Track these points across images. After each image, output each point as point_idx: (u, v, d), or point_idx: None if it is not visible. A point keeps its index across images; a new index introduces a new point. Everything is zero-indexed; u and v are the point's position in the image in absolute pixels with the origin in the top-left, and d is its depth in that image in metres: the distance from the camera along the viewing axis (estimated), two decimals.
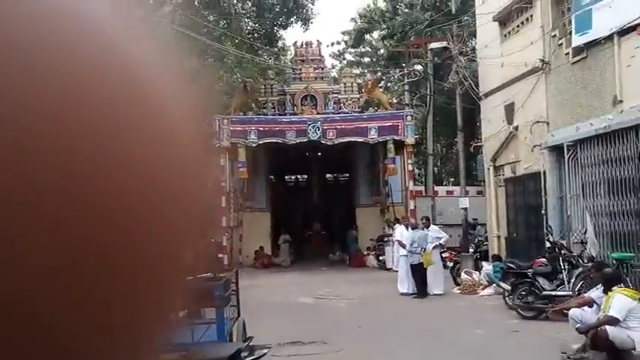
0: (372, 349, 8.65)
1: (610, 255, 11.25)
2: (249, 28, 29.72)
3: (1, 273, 0.28)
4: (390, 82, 32.61)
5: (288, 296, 13.95)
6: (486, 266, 14.12)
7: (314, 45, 23.83)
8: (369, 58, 37.55)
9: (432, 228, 14.94)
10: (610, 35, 11.97)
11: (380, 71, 31.48)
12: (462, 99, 19.39)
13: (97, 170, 0.30)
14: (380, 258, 20.96)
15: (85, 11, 0.33)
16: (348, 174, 28.31)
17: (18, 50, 0.29)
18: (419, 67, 26.67)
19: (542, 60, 14.61)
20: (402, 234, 15.26)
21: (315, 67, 23.25)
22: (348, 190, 26.98)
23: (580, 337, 7.83)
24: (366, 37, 36.59)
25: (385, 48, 33.94)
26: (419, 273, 13.87)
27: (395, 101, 26.32)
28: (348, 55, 38.60)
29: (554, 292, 10.66)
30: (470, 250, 17.37)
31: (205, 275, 6.70)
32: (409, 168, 21.51)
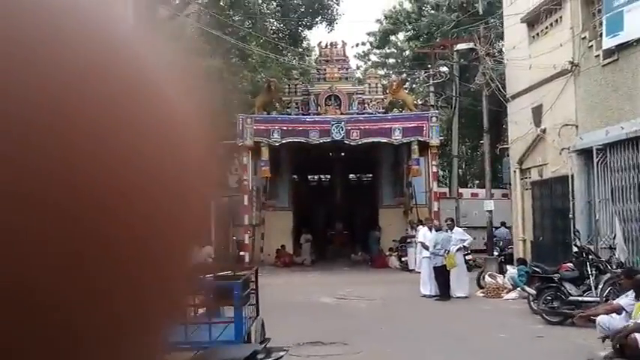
0: (394, 351, 8.54)
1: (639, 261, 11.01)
2: (273, 28, 29.75)
3: (7, 266, 0.28)
4: (415, 84, 32.39)
5: (309, 296, 13.90)
6: (511, 270, 13.92)
7: (339, 45, 23.79)
8: (394, 59, 37.35)
9: (456, 230, 14.78)
10: None
11: (405, 72, 31.31)
12: (488, 101, 19.17)
13: (102, 165, 0.30)
14: (402, 259, 20.79)
15: (90, 7, 0.33)
16: (371, 174, 28.15)
17: (22, 45, 0.29)
18: (444, 68, 26.44)
19: (571, 62, 14.37)
20: (426, 236, 15.12)
21: (340, 68, 23.19)
22: (371, 191, 26.83)
23: (607, 345, 7.64)
24: (392, 38, 36.39)
25: (410, 49, 33.71)
26: (442, 275, 13.74)
27: (420, 103, 26.14)
28: (372, 56, 38.52)
29: (580, 298, 10.44)
30: (494, 254, 17.15)
31: (225, 273, 6.69)
32: (433, 169, 21.35)
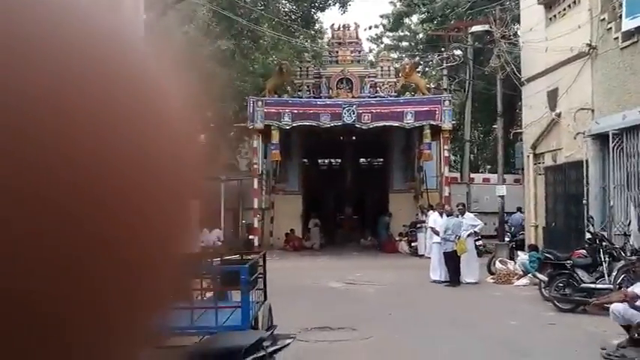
0: (402, 336, 8.43)
1: None
2: (285, 9, 29.40)
3: (5, 261, 0.28)
4: (429, 67, 31.99)
5: (317, 280, 13.82)
6: (522, 256, 13.73)
7: (351, 28, 23.51)
8: (407, 42, 36.89)
9: (467, 215, 14.60)
10: None
11: (418, 55, 30.92)
12: (502, 85, 18.86)
13: (100, 162, 0.31)
14: (412, 244, 20.66)
15: (89, 4, 0.34)
16: (382, 158, 27.95)
17: (22, 42, 0.29)
18: (458, 51, 26.06)
19: (589, 44, 14.03)
20: (436, 221, 14.97)
21: (352, 51, 22.93)
22: (381, 175, 26.64)
23: (621, 332, 7.49)
24: (405, 20, 35.90)
25: (424, 32, 33.24)
26: (452, 261, 13.61)
27: (433, 86, 25.81)
28: (385, 39, 38.04)
29: (593, 285, 10.26)
30: (505, 239, 16.97)
31: (232, 257, 6.59)
32: (445, 154, 21.14)
